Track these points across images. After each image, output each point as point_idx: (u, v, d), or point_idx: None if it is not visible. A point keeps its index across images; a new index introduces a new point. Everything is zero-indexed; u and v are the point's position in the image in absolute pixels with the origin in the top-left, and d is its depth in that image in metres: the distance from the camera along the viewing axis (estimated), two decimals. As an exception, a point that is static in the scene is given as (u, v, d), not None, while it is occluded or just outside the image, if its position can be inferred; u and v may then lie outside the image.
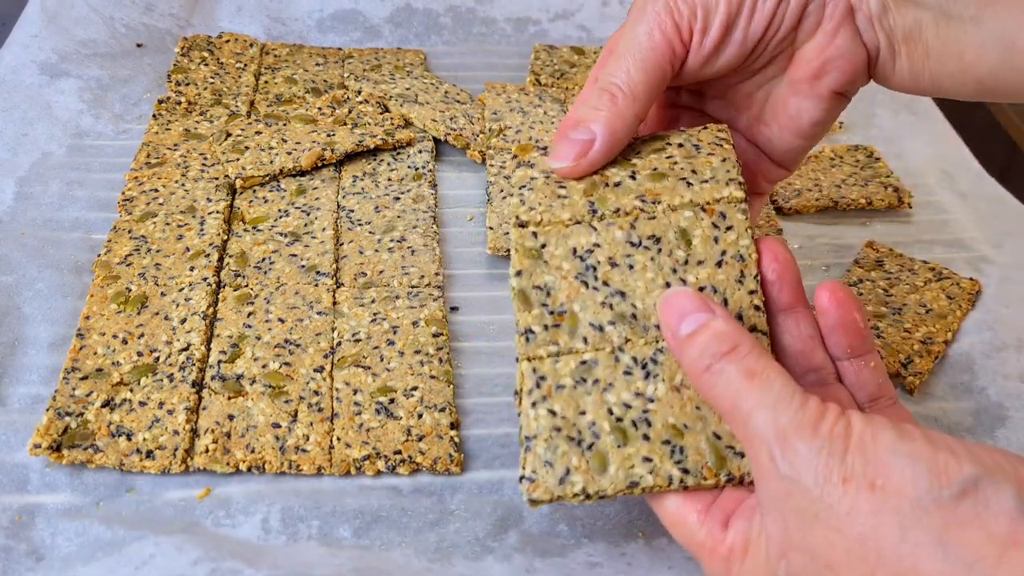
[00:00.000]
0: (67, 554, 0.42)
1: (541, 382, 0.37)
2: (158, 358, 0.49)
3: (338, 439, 0.47)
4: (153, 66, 0.74)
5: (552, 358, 0.38)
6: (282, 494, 0.45)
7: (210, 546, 0.41)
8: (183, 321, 0.51)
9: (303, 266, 0.56)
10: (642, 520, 0.45)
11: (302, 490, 0.45)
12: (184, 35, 0.78)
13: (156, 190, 0.60)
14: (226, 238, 0.58)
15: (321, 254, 0.57)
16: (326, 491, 0.45)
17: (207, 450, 0.46)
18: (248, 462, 0.46)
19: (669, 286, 0.38)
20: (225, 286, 0.54)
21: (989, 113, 0.89)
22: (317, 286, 0.55)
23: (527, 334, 0.38)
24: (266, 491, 0.45)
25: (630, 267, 0.38)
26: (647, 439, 0.36)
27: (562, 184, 0.40)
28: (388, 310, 0.54)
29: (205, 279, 0.54)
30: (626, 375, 0.37)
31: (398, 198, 0.63)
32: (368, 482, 0.46)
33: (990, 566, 0.27)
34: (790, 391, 0.32)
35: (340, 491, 0.45)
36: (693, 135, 0.42)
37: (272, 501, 0.45)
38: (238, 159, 0.63)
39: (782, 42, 0.40)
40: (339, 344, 0.52)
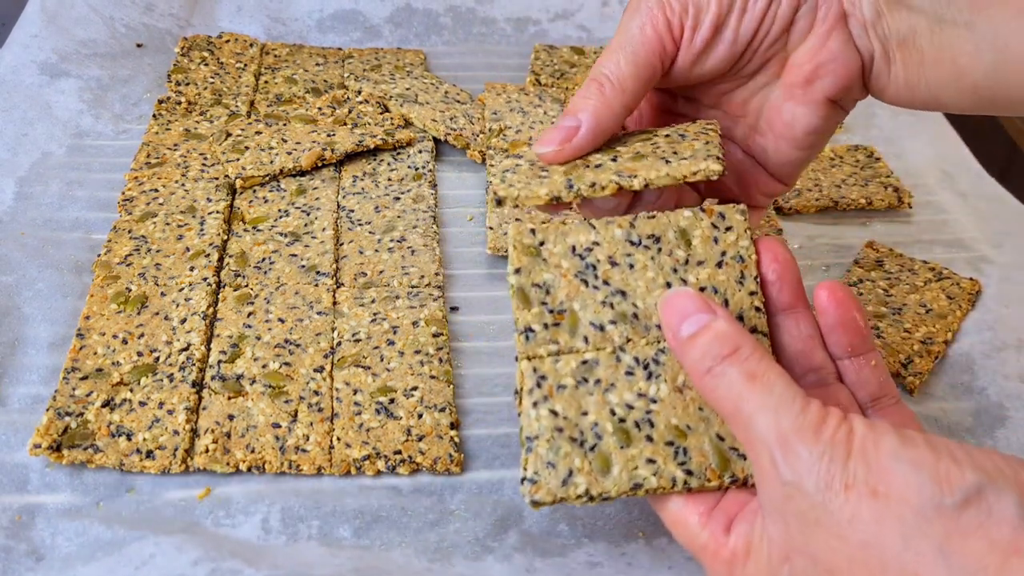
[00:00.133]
0: (67, 554, 0.42)
1: (542, 382, 0.37)
2: (158, 358, 0.49)
3: (338, 439, 0.47)
4: (153, 66, 0.74)
5: (552, 357, 0.37)
6: (282, 494, 0.45)
7: (210, 546, 0.41)
8: (183, 321, 0.51)
9: (303, 266, 0.56)
10: (642, 520, 0.45)
11: (302, 490, 0.45)
12: (184, 35, 0.78)
13: (156, 190, 0.60)
14: (226, 238, 0.58)
15: (321, 254, 0.57)
16: (326, 491, 0.45)
17: (207, 450, 0.46)
18: (248, 462, 0.46)
19: (670, 286, 0.38)
20: (225, 286, 0.54)
21: (989, 113, 0.89)
22: (317, 286, 0.55)
23: (526, 333, 0.38)
24: (266, 491, 0.45)
25: (630, 266, 0.38)
26: (650, 440, 0.36)
27: (545, 169, 0.40)
28: (388, 310, 0.54)
29: (205, 279, 0.54)
30: (628, 375, 0.37)
31: (398, 198, 0.63)
32: (368, 482, 0.46)
33: (993, 575, 0.27)
34: (791, 394, 0.32)
35: (340, 491, 0.45)
36: (681, 127, 0.42)
37: (272, 501, 0.45)
38: (238, 159, 0.63)
39: (773, 44, 0.41)
40: (339, 344, 0.52)
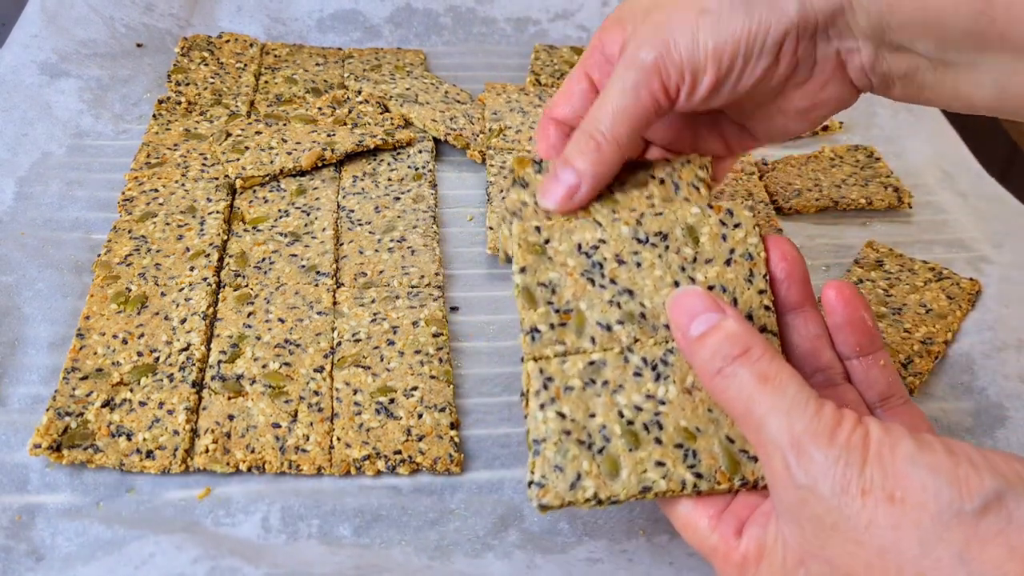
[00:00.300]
0: (67, 554, 0.42)
1: (549, 383, 0.36)
2: (158, 358, 0.49)
3: (338, 439, 0.47)
4: (153, 66, 0.74)
5: (559, 358, 0.37)
6: (282, 494, 0.45)
7: (210, 544, 0.41)
8: (183, 321, 0.51)
9: (303, 266, 0.56)
10: (643, 518, 0.45)
11: (302, 490, 0.45)
12: (184, 35, 0.78)
13: (156, 190, 0.60)
14: (226, 238, 0.58)
15: (321, 254, 0.57)
16: (326, 491, 0.45)
17: (207, 450, 0.45)
18: (248, 462, 0.45)
19: (678, 285, 0.38)
20: (225, 286, 0.54)
21: (989, 113, 0.89)
22: (317, 286, 0.55)
23: (532, 333, 0.37)
24: (266, 491, 0.45)
25: (637, 264, 0.38)
26: (659, 443, 0.36)
27: (549, 216, 0.41)
28: (388, 310, 0.54)
29: (205, 279, 0.54)
30: (636, 376, 0.37)
31: (398, 198, 0.63)
32: (368, 482, 0.46)
33: None
34: (805, 397, 0.31)
35: (340, 491, 0.45)
36: (676, 170, 0.42)
37: (272, 500, 0.45)
38: (238, 159, 0.63)
39: (771, 92, 0.41)
40: (339, 344, 0.52)
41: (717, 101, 0.40)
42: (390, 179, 0.64)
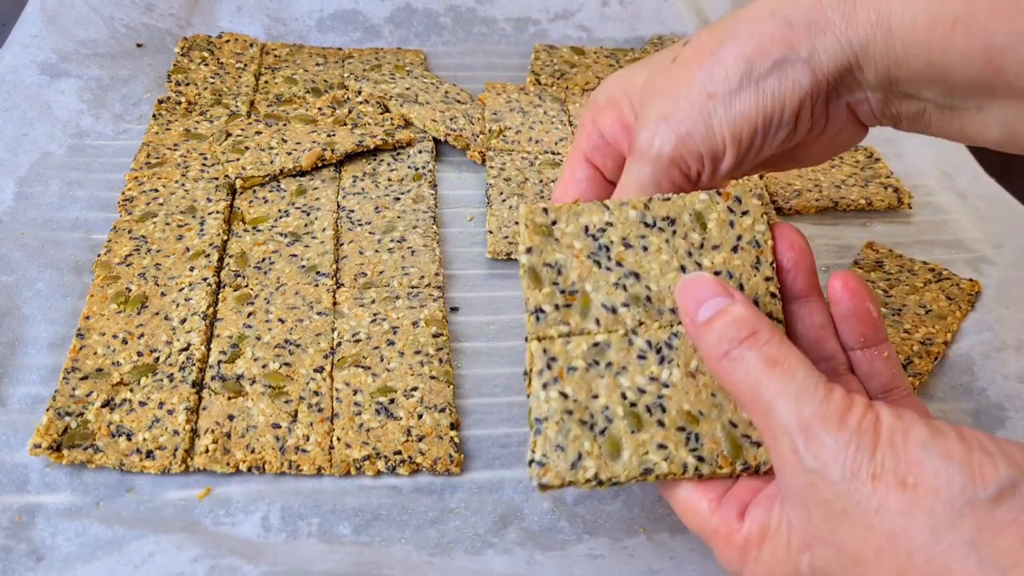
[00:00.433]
0: (67, 554, 0.42)
1: (552, 363, 0.36)
2: (158, 358, 0.49)
3: (338, 439, 0.47)
4: (153, 66, 0.74)
5: (563, 339, 0.37)
6: (282, 494, 0.45)
7: (209, 543, 0.41)
8: (183, 321, 0.51)
9: (303, 266, 0.56)
10: (643, 517, 0.45)
11: (302, 490, 0.45)
12: (184, 35, 0.78)
13: (156, 190, 0.60)
14: (226, 238, 0.58)
15: (321, 254, 0.57)
16: (326, 491, 0.45)
17: (207, 450, 0.46)
18: (248, 462, 0.45)
19: (684, 270, 0.38)
20: (225, 286, 0.54)
21: (989, 114, 0.89)
22: (317, 286, 0.55)
23: (537, 313, 0.37)
24: (266, 491, 0.45)
25: (644, 248, 0.38)
26: (662, 425, 0.36)
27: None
28: (388, 310, 0.54)
29: (205, 279, 0.54)
30: (640, 359, 0.37)
31: (398, 198, 0.63)
32: (368, 482, 0.46)
33: None
34: (813, 381, 0.31)
35: (340, 491, 0.45)
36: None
37: (272, 500, 0.45)
38: (238, 159, 0.63)
39: (786, 150, 0.41)
40: (339, 344, 0.52)
41: (737, 174, 0.40)
42: (390, 179, 0.64)
